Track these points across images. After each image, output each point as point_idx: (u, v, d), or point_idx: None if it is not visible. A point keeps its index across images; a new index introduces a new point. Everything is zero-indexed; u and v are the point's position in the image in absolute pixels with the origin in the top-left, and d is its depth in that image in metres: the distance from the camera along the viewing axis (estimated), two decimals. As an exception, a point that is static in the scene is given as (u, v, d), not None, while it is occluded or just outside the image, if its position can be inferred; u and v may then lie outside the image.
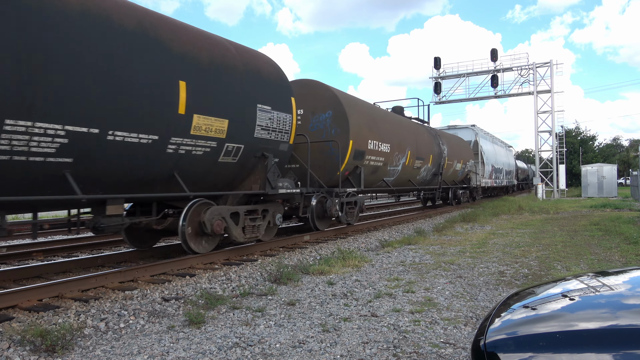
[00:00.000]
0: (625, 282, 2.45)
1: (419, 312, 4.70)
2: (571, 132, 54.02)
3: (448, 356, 3.57)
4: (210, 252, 7.73)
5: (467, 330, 4.18)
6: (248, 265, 7.39)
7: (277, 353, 3.65)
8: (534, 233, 11.52)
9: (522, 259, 7.72)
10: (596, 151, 55.40)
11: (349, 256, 7.67)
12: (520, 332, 1.88)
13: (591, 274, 2.55)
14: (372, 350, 3.69)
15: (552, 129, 31.61)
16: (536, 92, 31.34)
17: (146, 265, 6.51)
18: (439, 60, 33.83)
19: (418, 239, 10.20)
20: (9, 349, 3.73)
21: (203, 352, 3.68)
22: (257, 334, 4.08)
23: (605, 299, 2.13)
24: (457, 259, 7.74)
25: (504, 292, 5.52)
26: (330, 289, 5.73)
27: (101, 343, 3.96)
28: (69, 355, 3.65)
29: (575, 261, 7.49)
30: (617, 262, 7.42)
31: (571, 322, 1.85)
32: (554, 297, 2.26)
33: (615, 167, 33.72)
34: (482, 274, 6.59)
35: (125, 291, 5.57)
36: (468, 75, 33.12)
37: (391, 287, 5.82)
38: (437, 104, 34.57)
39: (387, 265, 7.38)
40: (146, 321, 4.57)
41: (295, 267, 6.91)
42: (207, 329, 4.25)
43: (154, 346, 3.82)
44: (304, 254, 8.61)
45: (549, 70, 31.16)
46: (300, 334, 4.08)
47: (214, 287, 5.96)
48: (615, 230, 11.27)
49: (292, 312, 4.77)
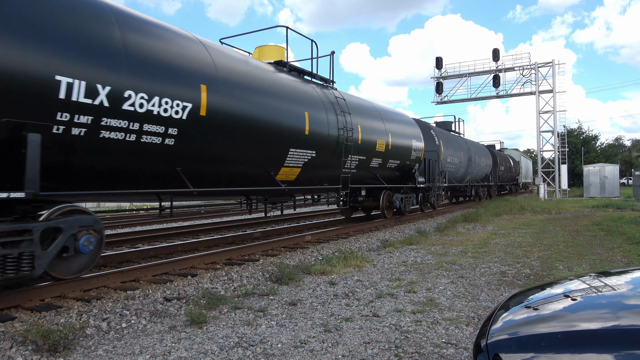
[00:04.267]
0: (627, 282, 2.44)
1: (421, 312, 4.70)
2: (573, 132, 53.92)
3: (450, 356, 3.57)
4: (211, 252, 7.74)
5: (468, 330, 4.18)
6: (250, 265, 7.40)
7: (279, 353, 3.65)
8: (535, 233, 11.51)
9: (524, 259, 7.71)
10: (598, 151, 55.29)
11: (351, 256, 7.67)
12: (522, 332, 1.88)
13: (593, 274, 2.55)
14: (373, 350, 3.69)
15: (554, 129, 31.57)
16: (538, 92, 31.29)
17: (148, 265, 6.53)
18: (440, 60, 33.80)
19: (420, 239, 10.20)
20: (12, 348, 3.74)
21: (205, 352, 3.68)
22: (259, 334, 4.09)
23: (607, 299, 2.13)
24: (458, 259, 7.73)
25: (505, 292, 5.51)
26: (332, 289, 5.74)
27: (103, 343, 3.97)
28: (71, 355, 3.66)
29: (577, 261, 7.47)
30: (619, 262, 7.41)
31: (573, 323, 1.85)
32: (555, 298, 2.26)
33: (618, 167, 33.66)
34: (484, 274, 6.59)
35: (127, 291, 5.58)
36: (470, 75, 33.09)
37: (393, 287, 5.82)
38: (439, 104, 34.56)
39: (388, 265, 7.38)
40: (148, 321, 4.58)
41: (296, 267, 6.91)
42: (208, 329, 4.25)
43: (156, 346, 3.83)
44: (306, 254, 8.61)
45: (550, 70, 31.12)
46: (302, 334, 4.09)
47: (215, 287, 5.97)
48: (617, 230, 11.24)
49: (293, 312, 4.77)
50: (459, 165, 20.90)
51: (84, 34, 5.10)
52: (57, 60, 4.77)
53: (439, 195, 18.45)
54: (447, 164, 19.02)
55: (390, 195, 13.96)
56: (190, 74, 6.34)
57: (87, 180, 5.61)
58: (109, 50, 5.31)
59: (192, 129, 6.32)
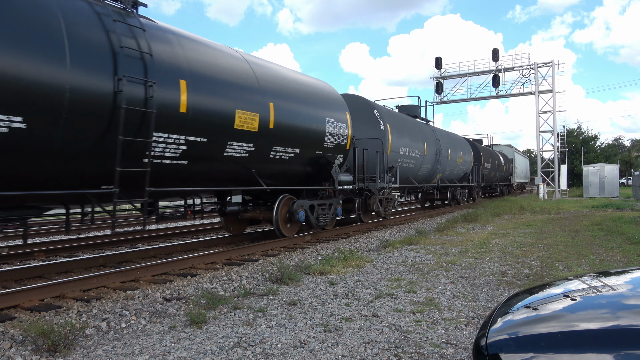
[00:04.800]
0: (627, 282, 2.44)
1: (421, 312, 4.70)
2: (573, 132, 53.94)
3: (449, 356, 3.57)
4: (211, 252, 7.75)
5: (468, 330, 4.18)
6: (249, 265, 7.40)
7: (279, 353, 3.65)
8: (535, 233, 11.51)
9: (523, 259, 7.71)
10: (598, 151, 55.30)
11: (350, 256, 7.68)
12: (521, 332, 1.88)
13: (593, 274, 2.55)
14: (373, 350, 3.69)
15: (554, 129, 31.59)
16: (538, 92, 31.31)
17: (147, 265, 6.53)
18: (440, 60, 33.83)
19: (419, 239, 10.20)
20: (11, 348, 3.74)
21: (204, 352, 3.68)
22: (259, 334, 4.09)
23: (607, 299, 2.13)
24: (458, 259, 7.73)
25: (505, 292, 5.51)
26: (332, 289, 5.74)
27: (103, 343, 3.96)
28: (71, 355, 3.65)
29: (577, 261, 7.47)
30: (619, 262, 7.41)
31: (572, 323, 1.85)
32: (555, 298, 2.26)
33: (617, 167, 33.67)
34: (483, 274, 6.59)
35: (127, 291, 5.57)
36: (469, 75, 33.12)
37: (392, 287, 5.82)
38: (439, 104, 34.56)
39: (388, 265, 7.38)
40: (147, 321, 4.57)
41: (296, 267, 6.91)
42: (208, 329, 4.25)
43: (156, 346, 3.83)
44: (305, 254, 8.61)
45: (550, 70, 31.15)
46: (302, 334, 4.08)
47: (215, 287, 5.97)
48: (617, 230, 11.25)
49: (293, 312, 4.77)
50: (420, 159, 16.15)
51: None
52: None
53: (389, 200, 13.88)
54: (401, 158, 14.46)
55: (290, 202, 9.47)
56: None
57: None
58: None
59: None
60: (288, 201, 9.40)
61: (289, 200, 9.43)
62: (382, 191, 12.93)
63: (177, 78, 6.38)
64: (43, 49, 4.88)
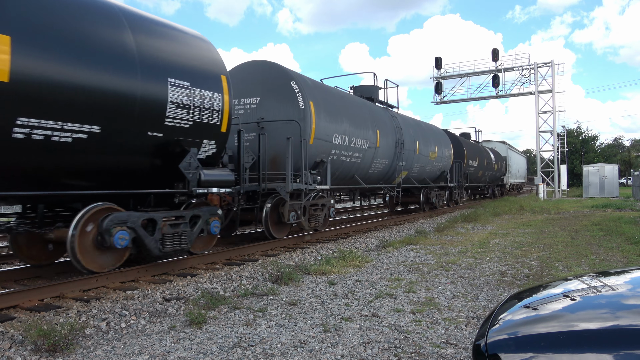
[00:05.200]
0: (627, 282, 2.44)
1: (420, 312, 4.70)
2: (572, 132, 54.01)
3: (449, 356, 3.57)
4: (212, 252, 7.73)
5: (468, 330, 4.18)
6: (249, 265, 7.40)
7: (278, 353, 3.65)
8: (535, 233, 11.51)
9: (523, 259, 7.72)
10: (597, 151, 55.38)
11: (350, 256, 7.68)
12: (521, 332, 1.88)
13: (592, 274, 2.55)
14: (373, 350, 3.69)
15: (554, 129, 31.60)
16: (537, 92, 31.31)
17: (147, 265, 6.52)
18: (440, 60, 33.83)
19: (419, 239, 10.20)
20: (11, 348, 3.74)
21: (204, 352, 3.68)
22: (258, 334, 4.09)
23: (606, 299, 2.13)
24: (458, 259, 7.73)
25: (505, 292, 5.51)
26: (332, 289, 5.74)
27: (102, 343, 3.96)
28: (71, 355, 3.65)
29: (577, 261, 7.48)
30: (619, 262, 7.42)
31: (572, 323, 1.85)
32: (555, 298, 2.26)
33: (617, 167, 33.70)
34: (483, 274, 6.59)
35: (127, 291, 5.57)
36: (469, 75, 33.12)
37: (392, 287, 5.82)
38: (438, 103, 34.60)
39: (388, 265, 7.38)
40: (147, 321, 4.57)
41: (296, 267, 6.91)
42: (208, 329, 4.25)
43: (155, 346, 3.83)
44: (305, 254, 8.61)
45: (550, 70, 31.15)
46: (302, 334, 4.09)
47: (215, 287, 5.97)
48: (616, 230, 11.25)
49: (293, 312, 4.77)
50: (370, 152, 12.22)
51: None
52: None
53: (317, 207, 10.15)
54: (336, 149, 10.56)
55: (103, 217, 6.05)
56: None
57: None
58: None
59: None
60: (100, 214, 5.63)
61: (102, 212, 5.66)
62: (307, 195, 9.52)
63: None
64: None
